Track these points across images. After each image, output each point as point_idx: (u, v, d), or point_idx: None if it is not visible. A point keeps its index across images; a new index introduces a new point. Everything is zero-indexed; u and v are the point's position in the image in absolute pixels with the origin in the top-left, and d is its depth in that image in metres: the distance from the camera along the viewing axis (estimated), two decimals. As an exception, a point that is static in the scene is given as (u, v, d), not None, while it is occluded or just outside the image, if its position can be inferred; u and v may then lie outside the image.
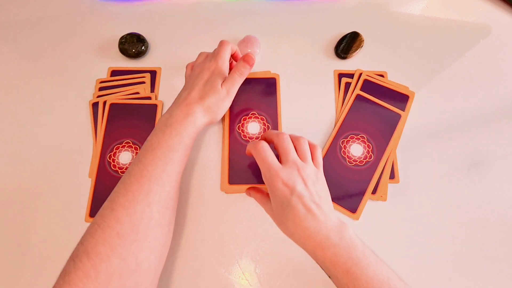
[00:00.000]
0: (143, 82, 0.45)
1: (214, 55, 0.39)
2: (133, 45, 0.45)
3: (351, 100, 0.44)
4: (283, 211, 0.30)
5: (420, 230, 0.38)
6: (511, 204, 0.39)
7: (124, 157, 0.41)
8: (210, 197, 0.39)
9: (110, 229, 0.28)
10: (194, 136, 0.35)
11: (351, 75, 0.46)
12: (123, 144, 0.42)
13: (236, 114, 0.43)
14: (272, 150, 0.33)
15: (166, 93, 0.45)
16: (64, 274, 0.26)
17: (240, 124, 0.43)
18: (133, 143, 0.42)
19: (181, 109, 0.35)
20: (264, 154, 0.32)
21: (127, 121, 0.42)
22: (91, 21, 0.50)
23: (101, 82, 0.45)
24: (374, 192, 0.39)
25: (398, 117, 0.43)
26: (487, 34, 0.49)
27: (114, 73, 0.46)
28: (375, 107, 0.43)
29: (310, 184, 0.31)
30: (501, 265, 0.37)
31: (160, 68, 0.46)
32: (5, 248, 0.37)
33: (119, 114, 0.43)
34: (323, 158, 0.40)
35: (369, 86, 0.45)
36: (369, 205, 0.39)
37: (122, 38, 0.46)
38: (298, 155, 0.33)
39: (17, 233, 0.38)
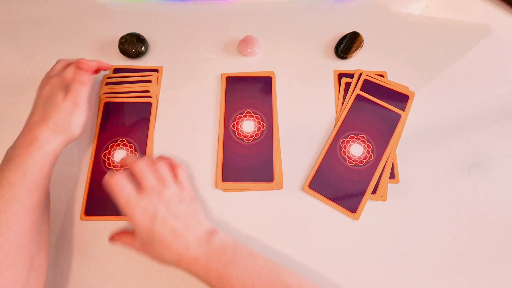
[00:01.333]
0: (150, 81, 0.45)
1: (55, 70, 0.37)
2: (133, 45, 0.45)
3: (351, 100, 0.44)
4: (151, 242, 0.30)
5: (420, 230, 0.38)
6: (511, 204, 0.39)
7: (119, 155, 0.41)
8: (207, 196, 0.39)
9: None
10: (48, 163, 0.33)
11: (351, 75, 0.46)
12: (118, 142, 0.42)
13: (231, 112, 0.43)
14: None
15: (166, 93, 0.45)
16: None
17: (235, 122, 0.43)
18: (128, 141, 0.42)
19: (24, 138, 0.33)
20: (119, 189, 0.30)
21: (122, 119, 0.43)
22: (91, 21, 0.50)
23: (108, 77, 0.45)
24: (374, 192, 0.39)
25: (398, 117, 0.43)
26: (487, 34, 0.49)
27: (117, 71, 0.46)
28: (375, 107, 0.43)
29: (174, 205, 0.31)
30: (501, 265, 0.37)
31: (162, 67, 0.46)
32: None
33: (113, 112, 0.43)
34: (323, 158, 0.41)
35: (369, 86, 0.45)
36: (369, 205, 0.39)
37: (122, 38, 0.46)
38: (157, 179, 0.32)
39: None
